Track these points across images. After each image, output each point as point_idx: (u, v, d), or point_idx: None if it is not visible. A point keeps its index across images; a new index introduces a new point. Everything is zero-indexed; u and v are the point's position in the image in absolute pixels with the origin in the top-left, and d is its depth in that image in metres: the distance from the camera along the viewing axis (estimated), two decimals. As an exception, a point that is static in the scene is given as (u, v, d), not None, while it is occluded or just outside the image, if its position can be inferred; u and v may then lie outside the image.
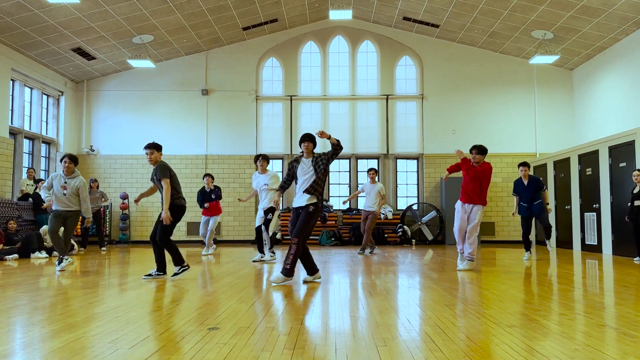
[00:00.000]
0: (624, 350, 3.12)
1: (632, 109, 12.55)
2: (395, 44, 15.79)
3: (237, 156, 15.62)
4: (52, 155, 14.92)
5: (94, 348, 3.15)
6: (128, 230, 15.15)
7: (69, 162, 7.58)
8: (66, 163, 7.58)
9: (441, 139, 15.50)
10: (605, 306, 4.62)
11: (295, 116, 15.74)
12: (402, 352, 3.07)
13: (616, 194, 10.71)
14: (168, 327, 3.77)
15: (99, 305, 4.66)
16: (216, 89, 15.76)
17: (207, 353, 3.04)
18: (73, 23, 12.05)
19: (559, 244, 13.28)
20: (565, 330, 3.62)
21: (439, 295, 5.27)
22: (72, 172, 7.61)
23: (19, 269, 8.08)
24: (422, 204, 15.44)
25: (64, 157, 7.65)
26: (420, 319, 4.09)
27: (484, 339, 3.37)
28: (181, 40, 14.47)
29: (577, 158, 12.32)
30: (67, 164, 7.58)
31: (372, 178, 10.86)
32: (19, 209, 11.50)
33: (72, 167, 7.61)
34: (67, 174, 7.59)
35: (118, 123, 15.66)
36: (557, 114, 15.52)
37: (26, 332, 3.60)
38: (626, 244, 10.22)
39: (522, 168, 9.54)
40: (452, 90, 15.63)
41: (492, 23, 13.61)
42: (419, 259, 9.89)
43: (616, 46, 13.12)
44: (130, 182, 15.49)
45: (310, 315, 4.21)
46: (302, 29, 15.81)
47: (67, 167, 7.56)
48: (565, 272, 7.44)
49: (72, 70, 14.73)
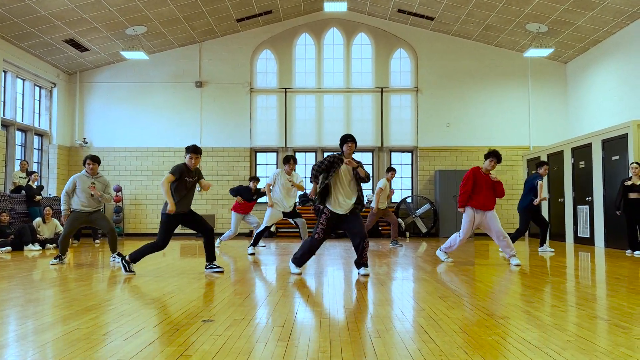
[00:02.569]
0: (615, 341, 3.14)
1: (625, 102, 12.60)
2: (390, 36, 15.76)
3: (231, 149, 15.58)
4: (44, 147, 14.83)
5: (87, 340, 3.15)
6: (122, 223, 15.11)
7: (92, 164, 7.69)
8: (90, 165, 7.68)
9: (435, 132, 15.52)
10: (597, 298, 4.65)
11: (289, 109, 15.70)
12: (396, 344, 3.09)
13: (609, 187, 10.76)
14: (162, 319, 3.77)
15: (92, 298, 4.65)
16: (210, 81, 15.69)
17: (202, 345, 3.05)
18: (65, 14, 11.95)
19: (552, 236, 13.35)
20: (558, 322, 3.65)
21: (433, 287, 5.29)
22: (96, 172, 7.77)
23: (12, 261, 8.05)
24: (416, 196, 15.48)
25: (87, 158, 7.73)
26: (414, 310, 4.10)
27: (477, 331, 3.39)
28: (175, 31, 14.38)
29: (570, 151, 12.37)
30: (92, 165, 7.69)
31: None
32: (11, 202, 11.44)
33: (97, 168, 7.76)
34: (92, 175, 7.72)
35: (111, 115, 15.58)
36: (551, 107, 15.57)
37: (20, 325, 3.59)
38: (618, 237, 10.30)
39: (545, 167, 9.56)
40: (446, 83, 15.63)
41: (487, 16, 13.60)
42: (412, 251, 9.92)
43: (610, 39, 13.15)
44: (124, 175, 15.44)
45: (305, 308, 4.22)
46: (297, 21, 15.74)
47: (92, 169, 7.69)
48: (558, 265, 7.48)
49: (64, 61, 14.62)
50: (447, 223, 14.78)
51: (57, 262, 7.50)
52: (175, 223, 6.28)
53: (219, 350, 2.93)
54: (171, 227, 6.23)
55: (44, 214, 10.85)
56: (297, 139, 15.67)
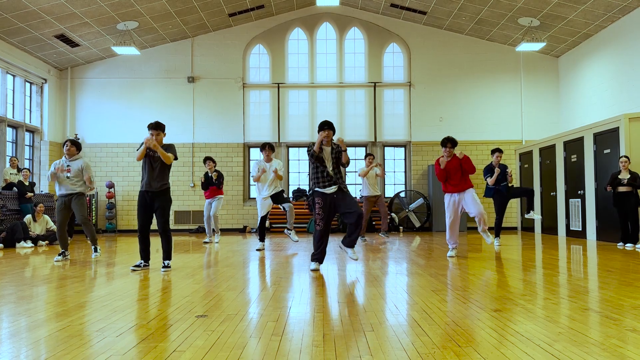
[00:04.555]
0: (606, 332, 3.17)
1: (616, 96, 12.67)
2: (382, 31, 15.74)
3: (224, 144, 15.54)
4: (36, 144, 14.73)
5: (80, 337, 3.14)
6: (114, 219, 15.06)
7: (70, 145, 7.76)
8: (68, 146, 7.75)
9: (428, 127, 15.55)
10: (588, 290, 4.69)
11: (282, 104, 15.67)
12: (389, 337, 3.10)
13: (601, 180, 10.83)
14: (155, 315, 3.77)
15: (85, 294, 4.63)
16: (202, 76, 15.62)
17: (195, 340, 3.05)
18: (56, 9, 11.84)
19: (544, 230, 13.43)
20: (550, 314, 3.67)
21: (426, 281, 5.31)
22: (73, 154, 7.77)
23: (4, 258, 8.01)
24: (409, 191, 15.51)
25: (67, 141, 7.82)
26: (407, 304, 4.12)
27: (470, 324, 3.41)
28: (166, 26, 14.29)
29: (562, 145, 12.43)
30: (69, 147, 7.75)
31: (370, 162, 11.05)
32: (2, 198, 11.36)
33: (74, 150, 7.79)
34: (69, 157, 7.73)
35: (103, 111, 15.49)
36: (543, 101, 15.63)
37: (12, 322, 3.57)
38: (610, 230, 10.38)
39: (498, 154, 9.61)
40: (439, 78, 15.65)
41: (479, 10, 13.61)
42: (406, 245, 9.95)
43: (602, 33, 13.21)
44: (116, 171, 15.37)
45: (298, 302, 4.22)
46: (289, 16, 15.69)
47: (68, 150, 7.73)
48: (550, 258, 7.53)
49: (55, 57, 14.50)
50: (440, 217, 14.82)
51: (62, 259, 7.57)
52: (140, 204, 6.27)
53: (212, 345, 2.94)
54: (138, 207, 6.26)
55: (35, 211, 10.79)
56: (290, 134, 15.65)
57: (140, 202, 6.30)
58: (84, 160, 7.84)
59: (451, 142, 7.57)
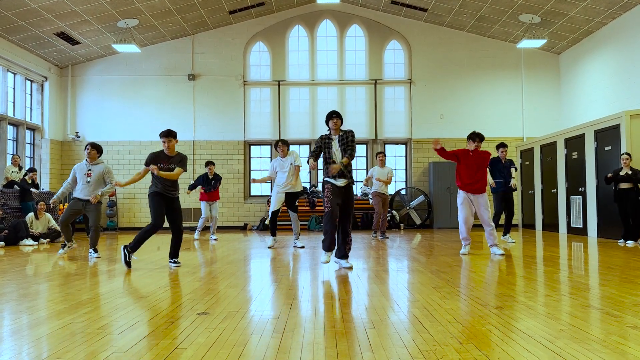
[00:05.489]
0: (607, 329, 3.17)
1: (617, 92, 12.65)
2: (383, 28, 15.72)
3: (225, 142, 15.54)
4: (37, 141, 14.74)
5: (82, 334, 3.15)
6: (115, 217, 15.07)
7: (91, 149, 7.73)
8: (89, 150, 7.72)
9: (429, 124, 15.54)
10: (589, 287, 4.69)
11: (283, 101, 15.66)
12: (391, 334, 3.10)
13: (602, 177, 10.81)
14: (157, 312, 3.77)
15: (87, 292, 4.64)
16: (203, 73, 15.61)
17: (197, 337, 3.05)
18: (56, 7, 11.83)
19: (545, 227, 13.43)
20: (551, 311, 3.68)
21: (427, 278, 5.32)
22: (94, 158, 7.73)
23: (6, 256, 8.02)
24: (410, 188, 15.51)
25: (87, 145, 7.78)
26: (409, 301, 4.12)
27: (471, 321, 3.41)
28: (167, 24, 14.28)
29: (563, 142, 12.41)
30: (90, 150, 7.71)
31: (382, 161, 11.02)
32: (4, 197, 11.37)
33: (95, 154, 7.74)
34: (90, 161, 7.71)
35: (104, 109, 15.49)
36: (544, 98, 15.61)
37: (14, 319, 3.58)
38: (611, 227, 10.37)
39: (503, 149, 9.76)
40: (440, 75, 15.63)
41: (480, 7, 13.58)
42: (407, 243, 9.95)
43: (603, 30, 13.18)
44: (117, 169, 15.37)
45: (300, 299, 4.23)
46: (290, 13, 15.67)
47: (89, 154, 7.70)
48: (551, 255, 7.53)
49: (56, 55, 14.50)
50: (441, 215, 14.83)
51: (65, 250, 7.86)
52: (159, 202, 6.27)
53: (214, 343, 2.94)
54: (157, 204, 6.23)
55: (37, 209, 10.81)
56: (291, 132, 15.64)
57: (157, 200, 6.27)
58: (105, 165, 7.82)
59: (479, 137, 7.55)
